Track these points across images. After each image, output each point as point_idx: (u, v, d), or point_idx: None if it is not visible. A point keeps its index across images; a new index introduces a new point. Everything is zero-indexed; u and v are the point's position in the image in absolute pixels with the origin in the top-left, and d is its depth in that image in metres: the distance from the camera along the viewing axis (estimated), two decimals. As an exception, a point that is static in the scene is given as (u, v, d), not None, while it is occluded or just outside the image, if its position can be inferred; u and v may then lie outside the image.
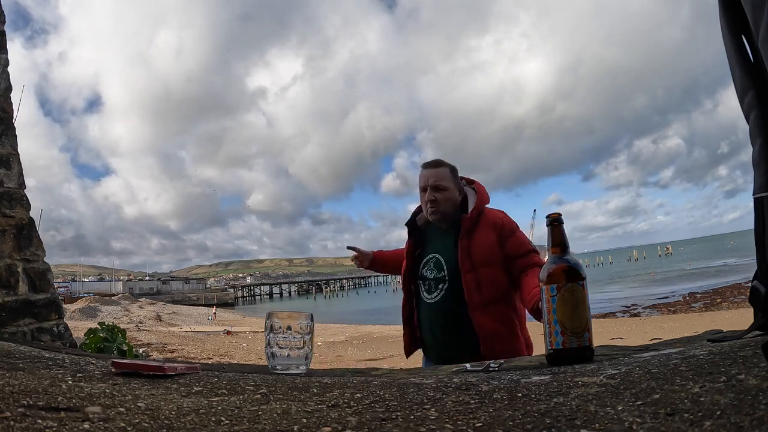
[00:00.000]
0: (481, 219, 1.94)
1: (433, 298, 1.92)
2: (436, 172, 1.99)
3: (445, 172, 2.00)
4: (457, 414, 0.64)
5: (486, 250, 1.88)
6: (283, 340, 1.13)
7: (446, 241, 1.97)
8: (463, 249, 1.88)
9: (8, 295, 2.28)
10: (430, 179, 1.96)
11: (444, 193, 1.96)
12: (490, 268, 1.87)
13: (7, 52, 2.57)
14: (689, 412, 0.52)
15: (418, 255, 2.03)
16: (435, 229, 2.03)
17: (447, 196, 1.97)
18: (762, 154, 0.87)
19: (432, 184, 1.95)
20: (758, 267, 0.89)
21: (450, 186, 1.98)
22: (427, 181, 1.96)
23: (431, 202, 1.94)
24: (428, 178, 1.97)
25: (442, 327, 1.91)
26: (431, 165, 2.03)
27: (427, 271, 1.98)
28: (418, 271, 2.00)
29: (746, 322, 0.96)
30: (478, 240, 1.91)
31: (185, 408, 0.67)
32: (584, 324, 1.01)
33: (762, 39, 0.76)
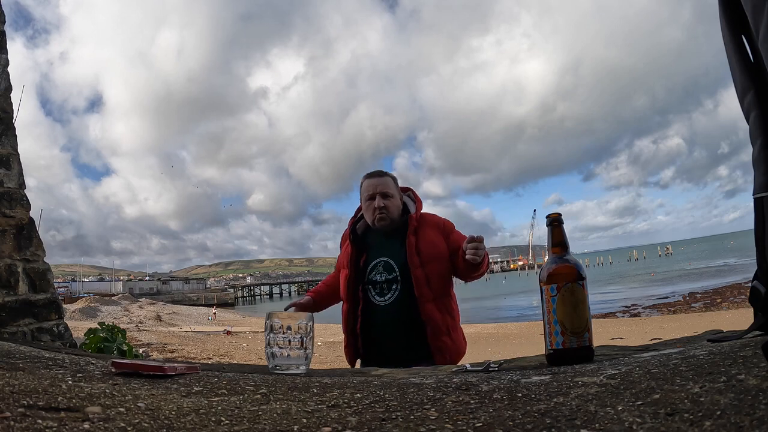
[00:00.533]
0: (423, 220, 2.07)
1: (387, 300, 1.97)
2: (383, 181, 2.09)
3: (389, 181, 2.11)
4: (457, 414, 0.64)
5: (432, 246, 2.00)
6: (283, 340, 1.13)
7: (391, 244, 2.05)
8: (411, 246, 1.98)
9: (8, 295, 2.28)
10: (378, 187, 2.06)
11: (391, 200, 2.06)
12: (438, 263, 1.98)
13: (7, 52, 2.57)
14: (689, 412, 0.52)
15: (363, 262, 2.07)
16: (376, 234, 2.10)
17: (394, 202, 2.07)
18: (762, 154, 0.87)
19: (380, 192, 2.05)
20: (758, 267, 0.89)
21: (395, 193, 2.10)
22: (375, 189, 2.06)
23: (381, 208, 2.03)
24: (375, 186, 2.07)
25: (397, 327, 1.95)
26: (376, 175, 2.14)
27: (376, 275, 2.02)
28: (365, 278, 2.03)
29: (746, 322, 0.96)
30: (424, 238, 2.02)
31: (185, 408, 0.67)
32: (584, 324, 1.01)
33: (762, 39, 0.76)
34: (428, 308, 1.91)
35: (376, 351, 1.96)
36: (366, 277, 2.03)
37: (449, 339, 1.93)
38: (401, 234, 2.05)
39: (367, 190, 2.08)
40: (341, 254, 2.20)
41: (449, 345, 1.92)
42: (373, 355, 1.97)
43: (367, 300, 2.00)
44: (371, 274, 2.03)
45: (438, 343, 1.90)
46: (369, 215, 2.08)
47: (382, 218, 2.04)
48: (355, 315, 2.01)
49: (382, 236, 2.09)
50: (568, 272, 1.04)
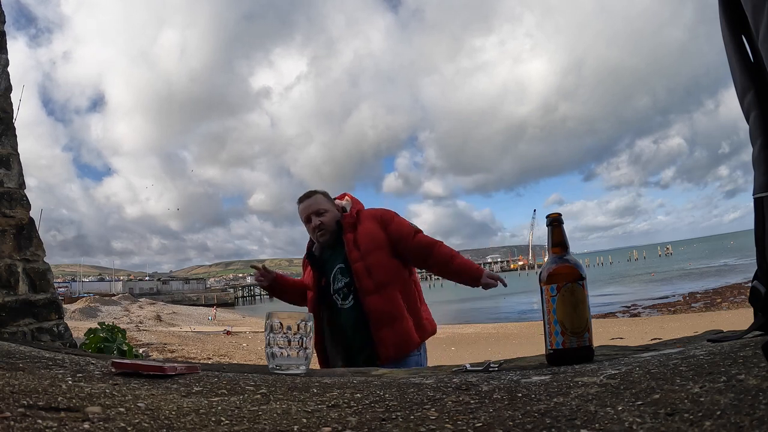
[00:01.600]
0: (360, 216, 2.12)
1: (349, 301, 2.02)
2: (313, 201, 2.15)
3: (319, 198, 2.17)
4: (457, 414, 0.64)
5: (370, 238, 2.05)
6: (283, 340, 1.13)
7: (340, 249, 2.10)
8: (349, 242, 2.04)
9: (8, 295, 2.28)
10: (310, 208, 2.12)
11: (326, 215, 2.12)
12: (378, 253, 2.02)
13: (7, 52, 2.57)
14: (689, 412, 0.52)
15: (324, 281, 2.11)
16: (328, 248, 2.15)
17: (329, 216, 2.12)
18: (762, 154, 0.87)
19: (313, 211, 2.11)
20: (758, 267, 0.89)
21: (329, 207, 2.15)
22: (308, 210, 2.12)
23: (318, 227, 2.09)
24: (307, 208, 2.13)
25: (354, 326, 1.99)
26: (305, 197, 2.19)
27: (337, 283, 2.07)
28: (330, 293, 2.07)
29: (746, 322, 0.96)
30: (362, 231, 2.07)
31: (185, 408, 0.67)
32: (584, 324, 1.01)
33: (762, 39, 0.76)
34: (369, 301, 1.95)
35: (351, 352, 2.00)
36: (332, 287, 2.07)
37: (390, 331, 1.94)
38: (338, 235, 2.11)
39: (303, 214, 2.15)
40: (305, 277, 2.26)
41: (389, 337, 1.94)
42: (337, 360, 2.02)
43: (333, 309, 2.05)
44: (334, 285, 2.07)
45: (379, 335, 1.93)
46: (312, 236, 2.16)
47: (322, 234, 2.10)
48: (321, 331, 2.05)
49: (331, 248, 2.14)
50: (568, 272, 1.04)
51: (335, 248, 2.11)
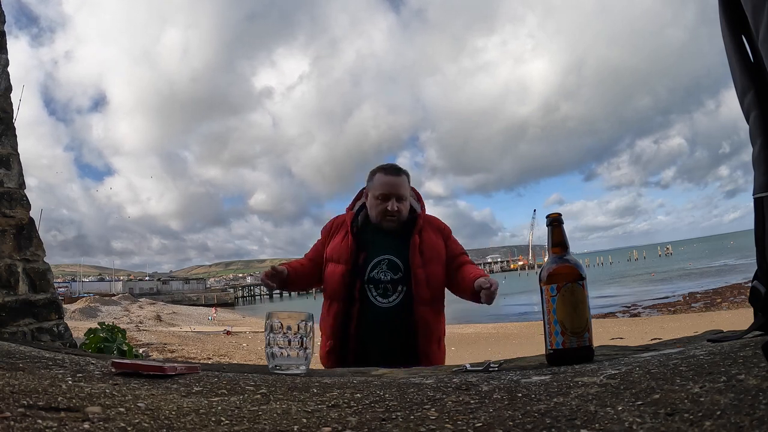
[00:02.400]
0: (425, 221, 1.98)
1: (391, 301, 1.83)
2: (401, 182, 1.94)
3: (406, 181, 1.97)
4: (457, 414, 0.64)
5: (434, 248, 1.92)
6: (283, 340, 1.13)
7: (395, 242, 1.92)
8: (415, 246, 1.88)
9: (8, 295, 2.28)
10: (395, 188, 1.92)
11: (405, 204, 1.94)
12: (437, 265, 1.90)
13: (7, 52, 2.57)
14: (689, 412, 0.52)
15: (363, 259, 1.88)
16: (377, 231, 1.94)
17: (406, 206, 1.95)
18: (762, 154, 0.87)
19: (397, 194, 1.91)
20: (758, 267, 0.89)
21: (408, 195, 1.97)
22: (391, 189, 1.92)
23: (395, 212, 1.90)
24: (392, 186, 1.92)
25: (393, 331, 1.81)
26: (393, 172, 1.97)
27: (379, 273, 1.86)
28: (364, 276, 1.85)
29: (746, 322, 0.96)
30: (427, 239, 1.93)
31: (185, 408, 0.67)
32: (584, 324, 1.01)
33: (762, 39, 0.76)
34: (423, 311, 1.81)
35: (366, 357, 1.78)
36: (366, 275, 1.86)
37: (437, 347, 1.85)
38: (405, 233, 1.93)
39: (382, 188, 1.91)
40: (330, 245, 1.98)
41: (436, 353, 1.83)
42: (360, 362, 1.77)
43: (365, 300, 1.83)
44: (373, 272, 1.86)
45: (427, 350, 1.80)
46: (377, 214, 1.93)
47: (391, 221, 1.90)
48: (348, 316, 1.82)
49: (384, 233, 1.93)
50: (568, 272, 1.04)
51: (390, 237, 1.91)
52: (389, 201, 1.89)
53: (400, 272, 1.86)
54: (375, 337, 1.81)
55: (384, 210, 1.90)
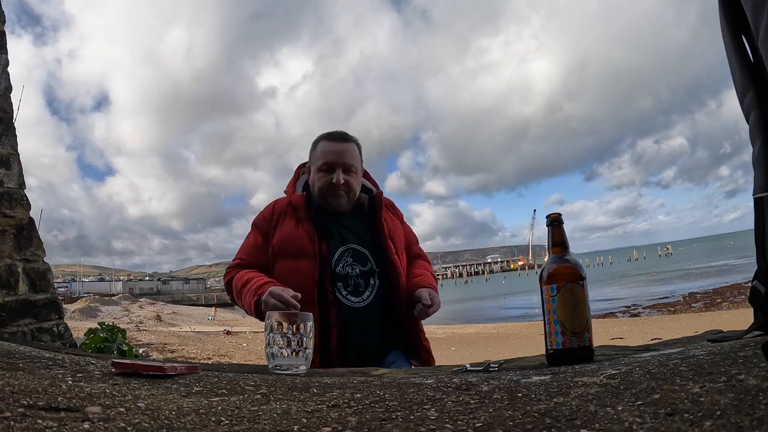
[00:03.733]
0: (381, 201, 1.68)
1: (365, 299, 1.53)
2: (347, 149, 1.61)
3: (355, 149, 1.63)
4: (457, 414, 0.63)
5: (398, 233, 1.67)
6: (283, 340, 1.13)
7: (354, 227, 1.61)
8: (384, 229, 1.61)
9: (8, 295, 2.28)
10: (341, 157, 1.58)
11: (355, 177, 1.61)
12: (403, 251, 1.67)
13: (7, 52, 2.57)
14: (689, 412, 0.52)
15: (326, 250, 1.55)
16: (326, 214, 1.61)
17: (357, 179, 1.62)
18: (762, 154, 0.87)
19: (343, 163, 1.58)
20: (758, 267, 0.89)
21: (360, 167, 1.65)
22: (337, 158, 1.58)
23: (342, 186, 1.56)
24: (339, 155, 1.58)
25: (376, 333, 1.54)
26: (339, 138, 1.63)
27: (345, 267, 1.55)
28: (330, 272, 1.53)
29: (746, 322, 0.96)
30: (390, 222, 1.66)
31: (185, 408, 0.67)
32: (584, 324, 1.01)
33: (762, 39, 0.76)
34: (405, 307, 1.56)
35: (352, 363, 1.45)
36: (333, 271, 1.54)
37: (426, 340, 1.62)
38: (364, 215, 1.64)
39: (325, 157, 1.59)
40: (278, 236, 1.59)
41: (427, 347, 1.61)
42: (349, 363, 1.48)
43: (336, 302, 1.51)
44: (338, 267, 1.54)
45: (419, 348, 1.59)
46: (319, 189, 1.59)
47: (339, 197, 1.58)
48: (327, 323, 1.48)
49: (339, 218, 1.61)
50: (568, 272, 1.04)
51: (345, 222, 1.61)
52: (334, 172, 1.57)
53: (369, 263, 1.58)
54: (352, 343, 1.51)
55: (328, 183, 1.57)
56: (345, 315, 1.51)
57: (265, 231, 1.65)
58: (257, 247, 1.65)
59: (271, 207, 1.69)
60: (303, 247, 1.54)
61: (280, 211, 1.65)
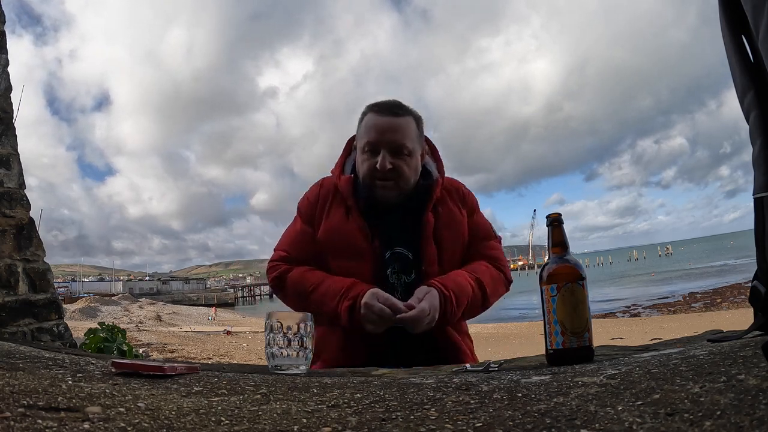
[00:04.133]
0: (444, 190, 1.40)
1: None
2: (398, 125, 1.30)
3: (410, 124, 1.32)
4: (457, 414, 0.63)
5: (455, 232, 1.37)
6: (283, 340, 1.13)
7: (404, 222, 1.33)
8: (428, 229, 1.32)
9: (8, 295, 2.28)
10: (388, 134, 1.29)
11: (409, 162, 1.30)
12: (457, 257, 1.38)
13: (7, 52, 2.57)
14: (689, 412, 0.52)
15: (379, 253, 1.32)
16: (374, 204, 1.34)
17: (411, 164, 1.31)
18: (762, 154, 0.87)
19: (392, 143, 1.28)
20: (758, 267, 0.89)
21: (415, 148, 1.33)
22: (383, 136, 1.29)
23: (390, 171, 1.28)
24: (386, 132, 1.29)
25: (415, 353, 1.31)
26: (388, 110, 1.32)
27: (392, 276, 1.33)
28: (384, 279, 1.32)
29: (746, 322, 0.96)
30: (446, 216, 1.36)
31: (185, 408, 0.67)
32: (584, 324, 1.01)
33: (762, 39, 0.76)
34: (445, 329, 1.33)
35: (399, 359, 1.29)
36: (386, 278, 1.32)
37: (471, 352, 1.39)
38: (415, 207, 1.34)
39: (369, 135, 1.30)
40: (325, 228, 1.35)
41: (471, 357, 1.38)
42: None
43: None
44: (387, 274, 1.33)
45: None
46: (364, 175, 1.32)
47: (385, 187, 1.30)
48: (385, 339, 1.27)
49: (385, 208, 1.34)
50: (568, 272, 1.04)
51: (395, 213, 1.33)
52: (379, 154, 1.29)
53: (414, 273, 1.32)
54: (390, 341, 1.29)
55: (372, 168, 1.30)
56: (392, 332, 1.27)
57: (310, 219, 1.41)
58: (303, 238, 1.41)
59: (316, 189, 1.43)
60: (355, 246, 1.31)
61: (326, 195, 1.40)
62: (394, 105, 1.35)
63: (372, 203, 1.34)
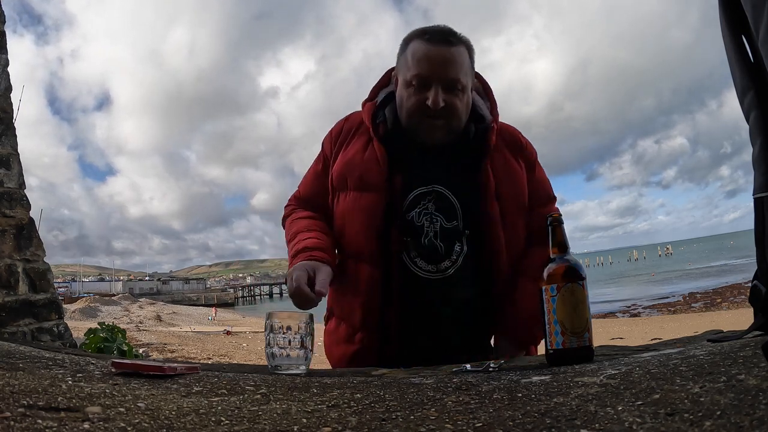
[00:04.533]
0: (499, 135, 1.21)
1: (445, 270, 1.14)
2: (453, 55, 1.13)
3: (463, 56, 1.15)
4: (457, 414, 0.63)
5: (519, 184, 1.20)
6: (283, 340, 1.13)
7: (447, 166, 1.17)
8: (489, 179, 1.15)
9: (8, 295, 2.28)
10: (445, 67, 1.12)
11: (461, 97, 1.14)
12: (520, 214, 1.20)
13: (7, 53, 2.57)
14: (689, 412, 0.52)
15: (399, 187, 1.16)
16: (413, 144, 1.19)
17: (464, 100, 1.15)
18: (762, 154, 0.87)
19: (446, 78, 1.12)
20: (758, 267, 0.89)
21: (469, 83, 1.16)
22: (435, 69, 1.12)
23: (443, 109, 1.11)
24: (439, 63, 1.12)
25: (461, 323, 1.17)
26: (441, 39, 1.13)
27: (421, 216, 1.15)
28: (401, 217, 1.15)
29: (746, 322, 0.96)
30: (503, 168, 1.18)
31: (185, 408, 0.67)
32: (584, 324, 1.01)
33: (762, 39, 0.76)
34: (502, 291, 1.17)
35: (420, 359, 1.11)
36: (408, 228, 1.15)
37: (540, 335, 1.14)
38: (467, 153, 1.17)
39: (418, 66, 1.13)
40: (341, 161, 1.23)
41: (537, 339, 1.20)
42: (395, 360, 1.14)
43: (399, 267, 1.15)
44: (411, 213, 1.15)
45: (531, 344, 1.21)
46: (408, 112, 1.15)
47: (433, 127, 1.14)
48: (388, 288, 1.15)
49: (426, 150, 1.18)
50: (569, 272, 1.04)
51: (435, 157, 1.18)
52: (430, 89, 1.11)
53: (456, 219, 1.15)
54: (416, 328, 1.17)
55: (421, 105, 1.13)
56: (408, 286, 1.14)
57: (330, 154, 1.29)
58: (317, 176, 1.32)
59: (341, 124, 1.30)
60: (366, 176, 1.16)
61: (350, 128, 1.26)
62: (447, 32, 1.16)
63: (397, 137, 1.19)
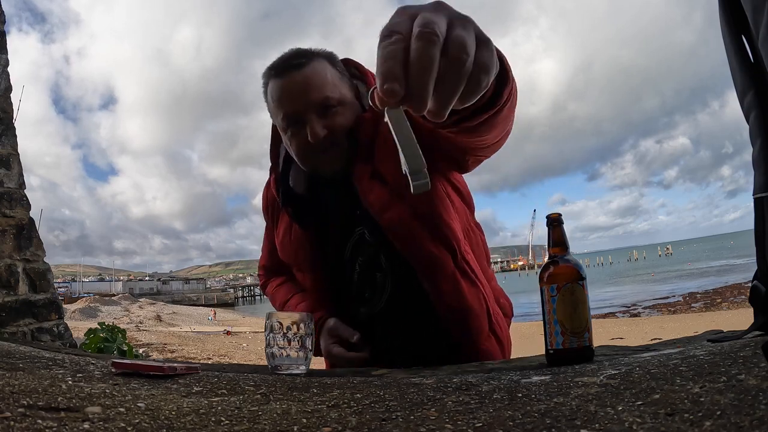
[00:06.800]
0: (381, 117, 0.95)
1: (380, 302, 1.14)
2: (308, 78, 1.00)
3: (321, 71, 1.02)
4: (457, 414, 0.63)
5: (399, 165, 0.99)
6: (283, 340, 1.13)
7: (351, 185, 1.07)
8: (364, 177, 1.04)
9: (8, 295, 2.28)
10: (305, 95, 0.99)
11: (341, 112, 1.02)
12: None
13: (7, 53, 2.57)
14: (689, 412, 0.52)
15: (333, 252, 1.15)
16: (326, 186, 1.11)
17: (347, 111, 1.03)
18: (762, 154, 0.87)
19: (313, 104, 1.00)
20: (758, 267, 0.89)
21: (345, 93, 1.04)
22: (297, 102, 1.00)
23: (325, 139, 1.00)
24: (297, 95, 1.00)
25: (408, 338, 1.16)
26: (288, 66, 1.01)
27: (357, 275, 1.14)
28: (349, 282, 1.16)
29: (746, 322, 0.96)
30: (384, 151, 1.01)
31: (185, 408, 0.67)
32: (584, 324, 1.01)
33: (762, 39, 0.76)
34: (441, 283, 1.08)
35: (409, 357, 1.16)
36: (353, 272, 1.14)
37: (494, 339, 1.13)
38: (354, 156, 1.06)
39: (281, 106, 1.02)
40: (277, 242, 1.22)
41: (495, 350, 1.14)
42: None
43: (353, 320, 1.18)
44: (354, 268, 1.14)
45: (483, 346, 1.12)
46: (299, 157, 1.06)
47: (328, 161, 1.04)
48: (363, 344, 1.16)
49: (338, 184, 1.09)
50: (568, 272, 1.04)
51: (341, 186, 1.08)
52: (305, 124, 1.00)
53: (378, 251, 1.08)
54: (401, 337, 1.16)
55: (303, 145, 1.02)
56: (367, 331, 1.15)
57: (271, 225, 1.28)
58: (271, 247, 1.32)
59: (264, 193, 1.27)
60: (301, 262, 1.18)
61: (273, 200, 1.21)
62: (292, 56, 1.04)
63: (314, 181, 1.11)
